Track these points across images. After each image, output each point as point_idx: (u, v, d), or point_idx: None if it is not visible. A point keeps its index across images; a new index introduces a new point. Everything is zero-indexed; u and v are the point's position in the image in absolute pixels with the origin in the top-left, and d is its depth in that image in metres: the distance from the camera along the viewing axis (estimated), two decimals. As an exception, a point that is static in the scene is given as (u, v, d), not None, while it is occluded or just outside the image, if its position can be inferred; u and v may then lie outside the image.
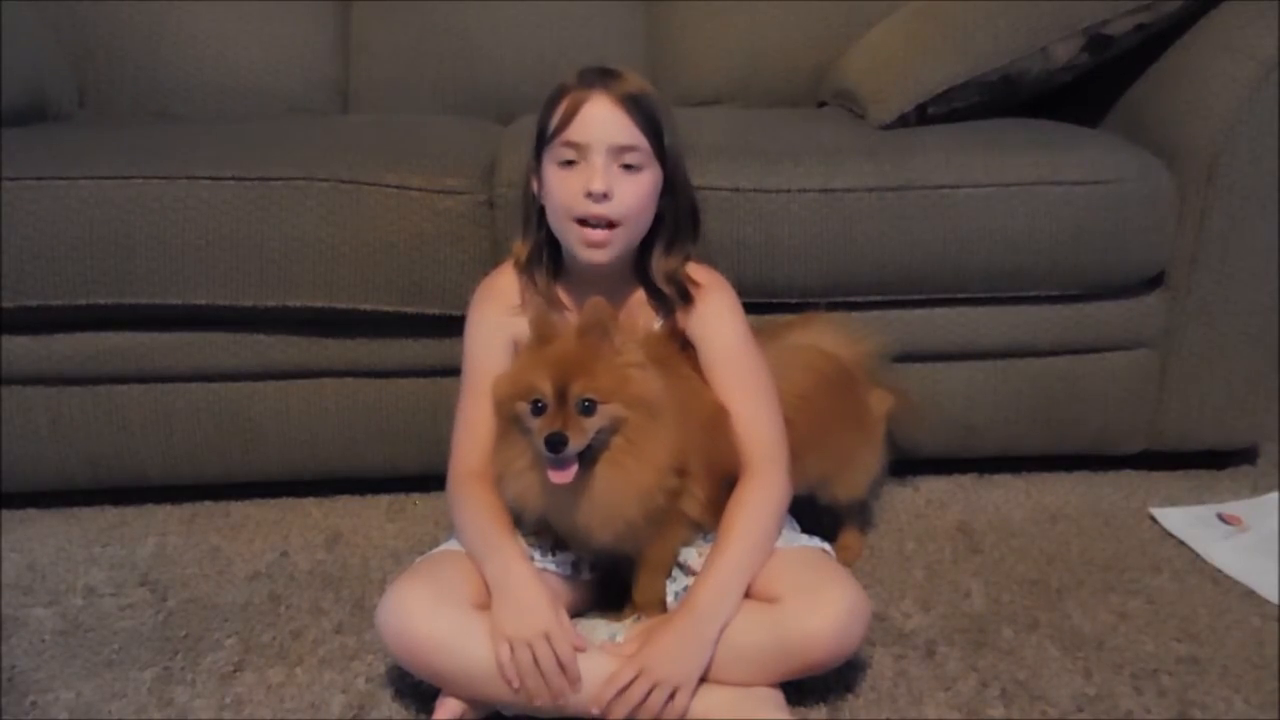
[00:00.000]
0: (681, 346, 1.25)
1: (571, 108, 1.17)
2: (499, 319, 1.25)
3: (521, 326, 1.17)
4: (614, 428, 1.08)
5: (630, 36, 2.07)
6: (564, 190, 1.17)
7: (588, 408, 1.06)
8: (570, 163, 1.17)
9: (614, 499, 1.10)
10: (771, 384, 1.23)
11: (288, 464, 1.57)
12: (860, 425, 1.38)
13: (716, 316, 1.25)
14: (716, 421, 1.20)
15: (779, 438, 1.21)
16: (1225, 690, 1.18)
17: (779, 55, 2.04)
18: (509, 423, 1.12)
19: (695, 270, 1.27)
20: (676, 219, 1.25)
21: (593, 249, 1.18)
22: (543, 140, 1.20)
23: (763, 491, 1.18)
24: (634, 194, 1.18)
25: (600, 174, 1.15)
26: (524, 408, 1.08)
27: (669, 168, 1.22)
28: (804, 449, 1.25)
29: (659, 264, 1.24)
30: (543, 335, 1.11)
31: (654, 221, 1.23)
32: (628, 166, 1.17)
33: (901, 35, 1.73)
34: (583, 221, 1.17)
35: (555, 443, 1.04)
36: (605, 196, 1.15)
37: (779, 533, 1.19)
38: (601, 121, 1.16)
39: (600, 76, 1.18)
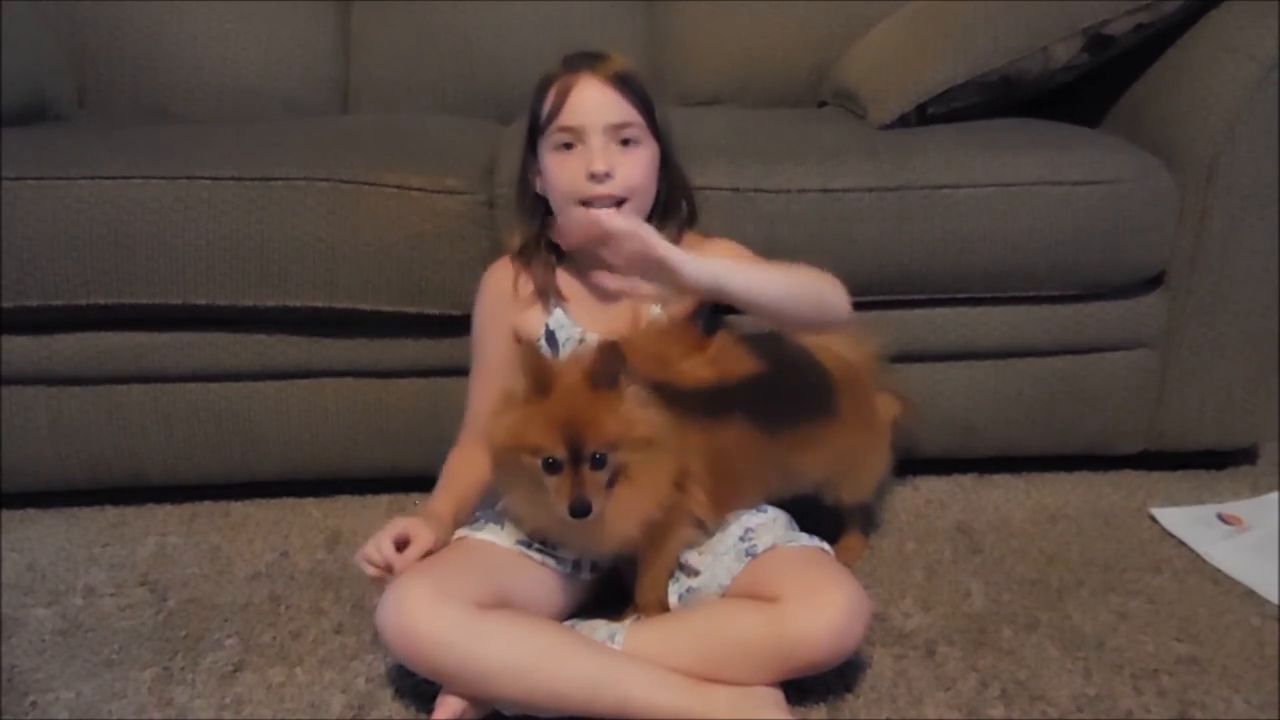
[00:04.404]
0: (700, 335, 1.25)
1: (561, 93, 1.18)
2: (496, 309, 1.31)
3: (518, 313, 1.26)
4: (619, 468, 1.08)
5: (630, 36, 2.07)
6: (565, 175, 1.18)
7: (600, 460, 1.05)
8: (568, 146, 1.18)
9: (617, 527, 1.10)
10: None
11: (288, 464, 1.57)
12: (868, 427, 1.37)
13: (722, 249, 1.26)
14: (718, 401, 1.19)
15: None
16: (1225, 690, 1.18)
17: (779, 55, 2.04)
18: (509, 465, 1.10)
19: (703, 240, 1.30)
20: (670, 193, 1.26)
21: None
22: (535, 131, 1.20)
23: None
24: (635, 168, 1.19)
25: (599, 154, 1.16)
26: (533, 461, 1.06)
27: (662, 143, 1.23)
28: (811, 448, 1.25)
29: None
30: (540, 384, 1.05)
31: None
32: (625, 142, 1.18)
33: (901, 35, 1.73)
34: (587, 204, 1.17)
35: (582, 511, 1.03)
36: (608, 176, 1.16)
37: (820, 303, 1.13)
38: (594, 103, 1.17)
39: (586, 59, 1.19)
